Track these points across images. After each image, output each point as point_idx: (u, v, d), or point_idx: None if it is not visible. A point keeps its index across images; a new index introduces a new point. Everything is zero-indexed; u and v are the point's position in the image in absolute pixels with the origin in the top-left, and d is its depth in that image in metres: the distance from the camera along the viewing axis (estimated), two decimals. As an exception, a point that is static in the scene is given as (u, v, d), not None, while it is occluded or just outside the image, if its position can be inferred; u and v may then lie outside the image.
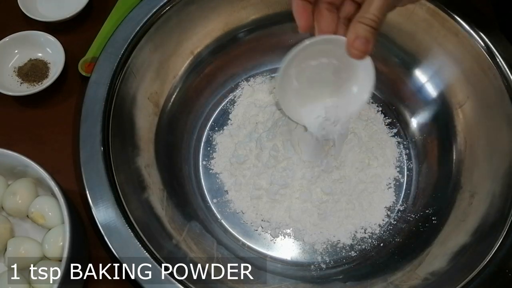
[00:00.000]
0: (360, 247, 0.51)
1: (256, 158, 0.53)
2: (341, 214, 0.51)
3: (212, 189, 0.53)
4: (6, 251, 0.44)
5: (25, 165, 0.44)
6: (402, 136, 0.56)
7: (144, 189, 0.47)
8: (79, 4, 0.60)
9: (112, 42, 0.48)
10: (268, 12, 0.56)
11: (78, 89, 0.57)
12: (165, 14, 0.50)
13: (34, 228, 0.48)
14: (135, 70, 0.49)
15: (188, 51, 0.54)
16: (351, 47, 0.35)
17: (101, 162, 0.43)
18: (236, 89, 0.59)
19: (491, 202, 0.45)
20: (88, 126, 0.45)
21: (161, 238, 0.44)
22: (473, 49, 0.49)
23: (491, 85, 0.48)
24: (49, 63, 0.58)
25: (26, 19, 0.60)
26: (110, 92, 0.46)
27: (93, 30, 0.59)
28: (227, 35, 0.56)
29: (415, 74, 0.55)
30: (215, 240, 0.49)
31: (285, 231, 0.51)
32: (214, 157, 0.55)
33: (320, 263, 0.50)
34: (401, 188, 0.54)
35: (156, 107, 0.52)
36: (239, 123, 0.56)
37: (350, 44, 0.35)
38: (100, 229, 0.41)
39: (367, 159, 0.53)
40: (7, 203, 0.46)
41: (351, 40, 0.35)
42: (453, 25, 0.50)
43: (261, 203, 0.51)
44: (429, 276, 0.44)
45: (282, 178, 0.51)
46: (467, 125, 0.51)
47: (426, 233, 0.49)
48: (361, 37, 0.34)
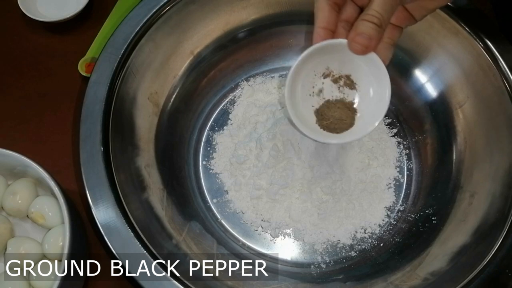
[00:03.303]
0: (360, 247, 0.51)
1: (256, 158, 0.53)
2: (341, 214, 0.51)
3: (212, 189, 0.53)
4: (6, 251, 0.44)
5: (25, 165, 0.44)
6: (402, 136, 0.56)
7: (144, 189, 0.47)
8: (79, 4, 0.60)
9: (112, 42, 0.48)
10: (268, 12, 0.56)
11: (78, 89, 0.57)
12: (165, 14, 0.50)
13: (34, 228, 0.48)
14: (135, 70, 0.49)
15: (188, 51, 0.54)
16: (352, 42, 0.35)
17: (101, 162, 0.43)
18: (236, 89, 0.59)
19: (491, 202, 0.45)
20: (88, 126, 0.45)
21: (161, 238, 0.44)
22: (473, 49, 0.49)
23: (491, 85, 0.48)
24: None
25: (26, 19, 0.60)
26: (110, 92, 0.46)
27: (93, 30, 0.59)
28: (227, 35, 0.56)
29: (415, 74, 0.55)
30: (215, 240, 0.49)
31: (285, 231, 0.51)
32: (214, 157, 0.55)
33: (320, 263, 0.50)
34: (401, 188, 0.54)
35: (156, 107, 0.52)
36: (239, 123, 0.56)
37: (352, 40, 0.34)
38: (100, 229, 0.41)
39: (367, 159, 0.53)
40: (7, 203, 0.46)
41: (352, 37, 0.34)
42: (453, 25, 0.50)
43: (261, 203, 0.51)
44: (429, 276, 0.44)
45: (282, 178, 0.51)
46: (467, 125, 0.51)
47: (426, 233, 0.49)
48: (363, 33, 0.34)
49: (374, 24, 0.33)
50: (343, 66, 0.40)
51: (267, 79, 0.59)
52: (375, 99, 0.40)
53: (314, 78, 0.41)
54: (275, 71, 0.59)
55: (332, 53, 0.38)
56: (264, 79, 0.59)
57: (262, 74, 0.59)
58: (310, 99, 0.41)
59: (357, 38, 0.34)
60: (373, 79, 0.39)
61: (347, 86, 0.41)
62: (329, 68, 0.40)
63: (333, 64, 0.40)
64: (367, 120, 0.40)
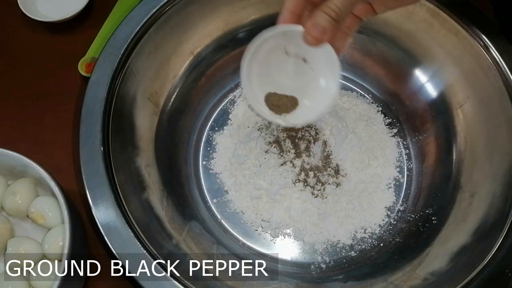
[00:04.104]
0: (360, 247, 0.51)
1: (256, 158, 0.53)
2: (341, 214, 0.51)
3: (212, 189, 0.53)
4: (6, 251, 0.44)
5: (25, 165, 0.44)
6: (402, 136, 0.56)
7: (144, 189, 0.47)
8: (79, 4, 0.60)
9: (112, 42, 0.48)
10: (268, 12, 0.56)
11: (78, 89, 0.57)
12: (165, 14, 0.50)
13: (34, 228, 0.48)
14: (135, 70, 0.49)
15: (188, 51, 0.54)
16: (306, 33, 0.35)
17: (101, 162, 0.43)
18: (236, 89, 0.59)
19: (491, 202, 0.45)
20: (88, 126, 0.45)
21: (161, 238, 0.44)
22: (473, 49, 0.49)
23: (491, 85, 0.48)
24: None
25: (26, 19, 0.60)
26: (110, 92, 0.46)
27: (93, 30, 0.59)
28: (227, 35, 0.56)
29: (415, 74, 0.55)
30: (215, 240, 0.49)
31: (285, 231, 0.51)
32: (214, 157, 0.55)
33: (320, 263, 0.50)
34: (401, 188, 0.54)
35: (156, 107, 0.52)
36: (239, 123, 0.56)
37: (307, 30, 0.35)
38: (100, 229, 0.41)
39: (367, 159, 0.53)
40: (7, 203, 0.46)
41: (308, 27, 0.35)
42: (453, 25, 0.50)
43: (261, 203, 0.51)
44: (429, 276, 0.44)
45: (282, 178, 0.51)
46: (467, 125, 0.51)
47: (426, 233, 0.49)
48: (318, 25, 0.34)
49: (330, 18, 0.34)
50: (300, 49, 0.40)
51: (267, 79, 0.59)
52: (323, 88, 0.41)
53: (272, 58, 0.40)
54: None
55: (291, 37, 0.38)
56: (264, 79, 0.59)
57: (262, 74, 0.59)
58: (265, 80, 0.42)
59: (312, 30, 0.35)
60: (326, 67, 0.39)
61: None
62: (287, 50, 0.40)
63: (290, 47, 0.40)
64: (312, 107, 0.42)
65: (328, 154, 0.53)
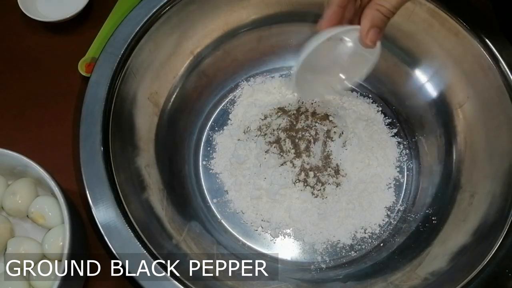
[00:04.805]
0: (360, 247, 0.51)
1: (256, 158, 0.53)
2: (341, 214, 0.51)
3: (212, 189, 0.53)
4: (6, 251, 0.44)
5: (25, 165, 0.44)
6: (402, 136, 0.56)
7: (144, 189, 0.47)
8: (79, 4, 0.60)
9: (112, 42, 0.48)
10: (268, 12, 0.56)
11: (78, 89, 0.57)
12: (165, 14, 0.50)
13: (34, 228, 0.48)
14: (135, 70, 0.49)
15: (188, 51, 0.54)
16: (365, 38, 0.34)
17: (101, 162, 0.43)
18: (236, 89, 0.59)
19: (491, 202, 0.45)
20: (88, 126, 0.45)
21: (161, 238, 0.44)
22: (473, 49, 0.49)
23: (491, 85, 0.48)
24: None
25: (26, 19, 0.60)
26: (110, 92, 0.46)
27: (93, 30, 0.59)
28: (227, 35, 0.56)
29: (415, 74, 0.55)
30: (215, 240, 0.49)
31: (285, 231, 0.51)
32: (214, 157, 0.55)
33: (320, 263, 0.50)
34: (401, 188, 0.54)
35: (156, 107, 0.52)
36: (239, 123, 0.56)
37: (364, 35, 0.34)
38: (100, 229, 0.41)
39: (367, 159, 0.53)
40: (7, 203, 0.46)
41: (365, 29, 0.34)
42: (453, 25, 0.50)
43: (261, 203, 0.51)
44: (429, 276, 0.44)
45: (282, 178, 0.51)
46: (467, 125, 0.51)
47: (426, 233, 0.49)
48: (375, 26, 0.33)
49: (387, 18, 0.33)
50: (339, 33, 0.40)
51: (267, 79, 0.59)
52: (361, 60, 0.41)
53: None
54: (275, 71, 0.59)
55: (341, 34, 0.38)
56: (264, 79, 0.59)
57: (262, 74, 0.59)
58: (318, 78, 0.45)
59: (370, 33, 0.33)
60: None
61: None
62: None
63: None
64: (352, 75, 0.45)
65: (328, 154, 0.53)
